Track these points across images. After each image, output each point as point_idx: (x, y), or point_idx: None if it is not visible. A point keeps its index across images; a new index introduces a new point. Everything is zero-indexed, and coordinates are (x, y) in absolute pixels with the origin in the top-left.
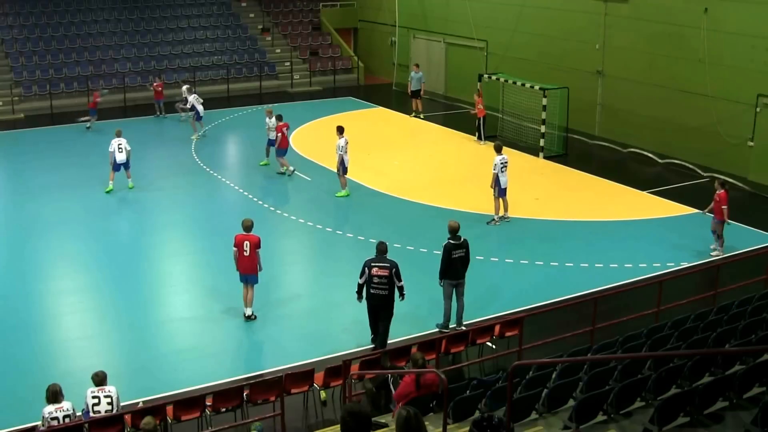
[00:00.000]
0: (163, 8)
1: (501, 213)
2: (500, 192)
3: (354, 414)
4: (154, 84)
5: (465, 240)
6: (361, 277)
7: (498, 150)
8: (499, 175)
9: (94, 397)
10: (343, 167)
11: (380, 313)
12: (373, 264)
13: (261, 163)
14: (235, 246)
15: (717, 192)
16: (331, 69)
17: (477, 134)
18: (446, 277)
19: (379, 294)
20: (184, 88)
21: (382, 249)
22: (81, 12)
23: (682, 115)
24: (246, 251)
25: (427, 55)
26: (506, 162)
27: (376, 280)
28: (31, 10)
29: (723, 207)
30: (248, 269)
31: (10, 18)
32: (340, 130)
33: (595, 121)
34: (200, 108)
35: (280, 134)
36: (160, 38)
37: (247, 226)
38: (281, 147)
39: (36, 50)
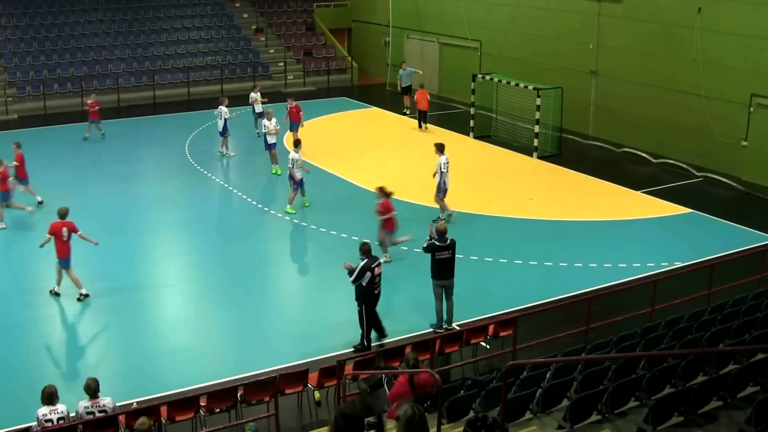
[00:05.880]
0: (156, 9)
1: (450, 209)
2: (440, 191)
3: (345, 416)
4: (88, 102)
5: (452, 241)
6: (364, 282)
7: (441, 150)
8: (446, 176)
9: (88, 413)
10: (292, 181)
11: (375, 308)
12: (372, 266)
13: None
14: (51, 233)
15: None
16: (325, 69)
17: (420, 123)
18: (434, 278)
19: (379, 291)
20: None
21: (367, 249)
22: (75, 12)
23: (675, 115)
24: (64, 237)
25: (421, 55)
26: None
27: (377, 279)
28: (25, 11)
29: (381, 217)
30: (66, 254)
31: (4, 18)
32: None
33: (588, 121)
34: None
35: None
36: (153, 39)
37: (63, 214)
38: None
39: (29, 51)
